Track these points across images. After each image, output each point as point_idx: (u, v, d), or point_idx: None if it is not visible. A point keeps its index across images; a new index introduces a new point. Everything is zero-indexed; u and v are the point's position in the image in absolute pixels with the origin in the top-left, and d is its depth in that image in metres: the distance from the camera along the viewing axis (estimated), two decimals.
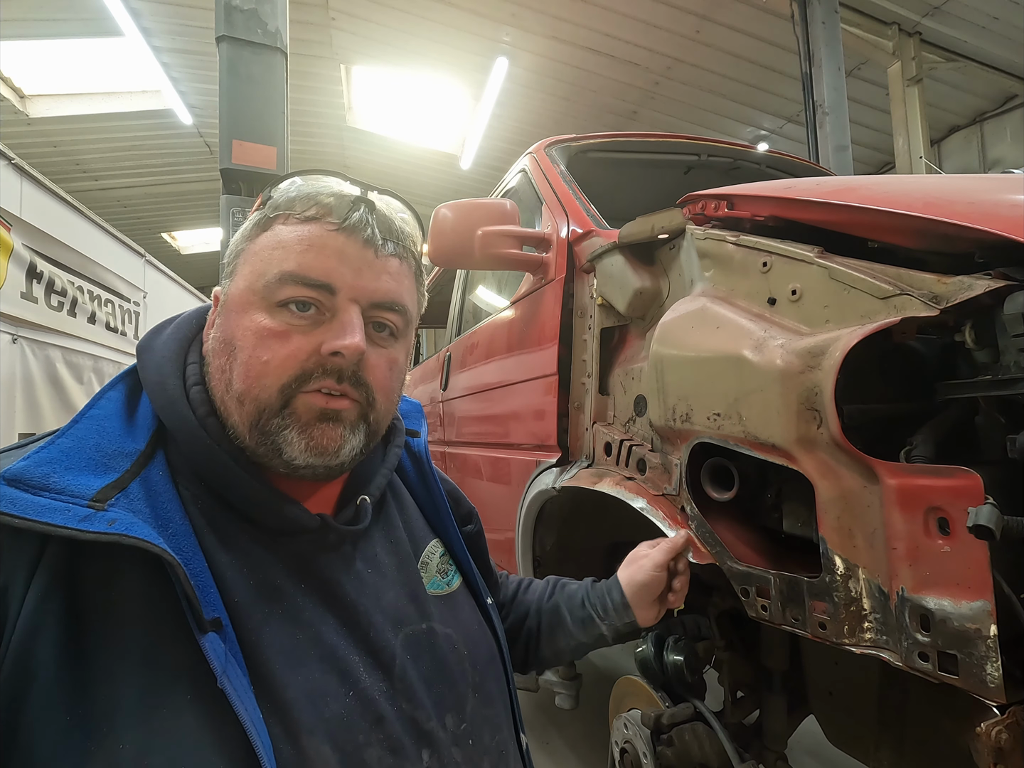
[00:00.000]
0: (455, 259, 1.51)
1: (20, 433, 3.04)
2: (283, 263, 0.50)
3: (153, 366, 0.53)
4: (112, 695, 0.39)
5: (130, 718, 0.39)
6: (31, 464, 0.42)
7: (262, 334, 0.49)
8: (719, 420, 0.84)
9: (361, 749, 0.46)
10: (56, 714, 0.38)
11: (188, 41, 5.93)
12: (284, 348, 0.49)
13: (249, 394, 0.49)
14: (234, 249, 0.54)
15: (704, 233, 0.99)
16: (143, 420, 0.50)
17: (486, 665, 0.61)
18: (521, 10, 5.67)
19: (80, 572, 0.42)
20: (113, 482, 0.44)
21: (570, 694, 1.72)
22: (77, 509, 0.40)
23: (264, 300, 0.50)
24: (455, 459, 2.30)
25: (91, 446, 0.45)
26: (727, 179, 2.15)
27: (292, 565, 0.51)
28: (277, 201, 0.52)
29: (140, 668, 0.41)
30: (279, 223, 0.52)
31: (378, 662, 0.51)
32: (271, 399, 0.49)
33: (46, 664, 0.39)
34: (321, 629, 0.49)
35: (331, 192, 0.52)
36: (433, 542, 0.66)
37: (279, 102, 2.66)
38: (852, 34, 5.53)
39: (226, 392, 0.50)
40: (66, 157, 7.75)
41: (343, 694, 0.47)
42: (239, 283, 0.52)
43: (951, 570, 0.60)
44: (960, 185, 0.84)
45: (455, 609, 0.62)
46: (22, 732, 0.38)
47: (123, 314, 4.30)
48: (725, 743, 1.11)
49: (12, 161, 2.96)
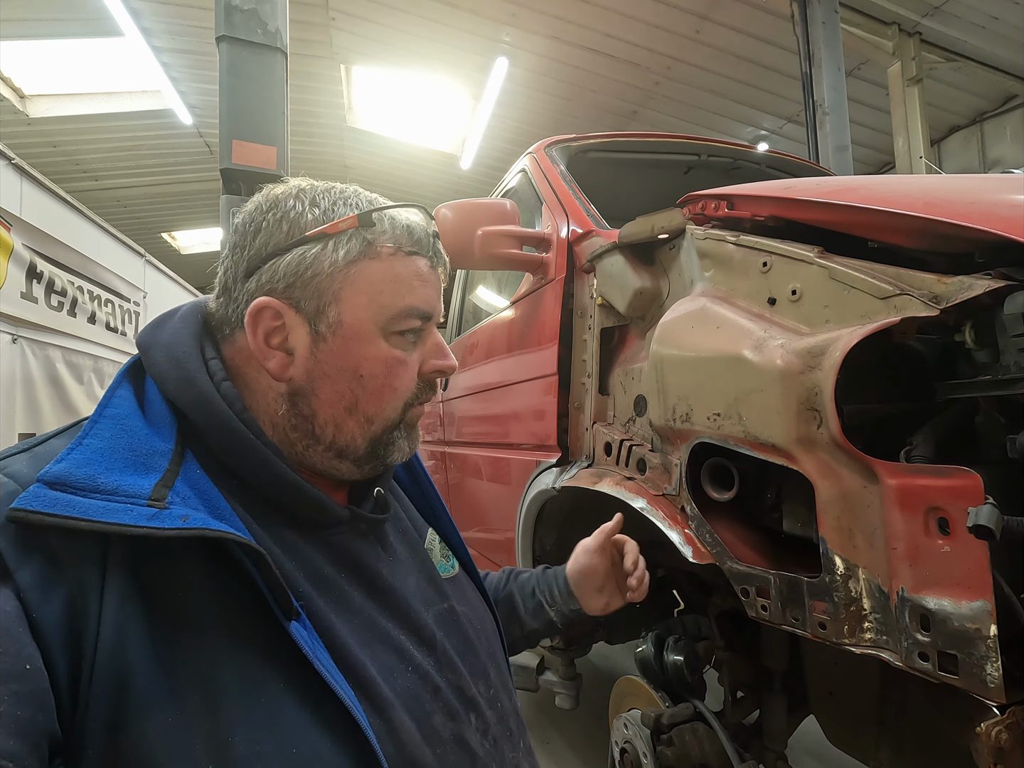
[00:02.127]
0: (455, 259, 1.51)
1: (20, 433, 3.04)
2: (406, 298, 0.54)
3: (171, 363, 0.51)
4: (209, 690, 0.40)
5: (231, 710, 0.40)
6: (71, 466, 0.41)
7: (391, 364, 0.55)
8: (719, 420, 0.84)
9: (430, 716, 0.51)
10: (158, 716, 0.38)
11: (188, 41, 5.92)
12: (407, 374, 0.56)
13: (381, 415, 0.55)
14: (324, 268, 0.52)
15: (704, 233, 0.99)
16: (160, 418, 0.49)
17: (492, 638, 0.67)
18: (521, 10, 5.67)
19: (148, 572, 0.42)
20: (160, 480, 0.44)
21: (570, 694, 1.72)
22: (140, 509, 0.41)
23: (384, 330, 0.54)
24: (455, 459, 2.30)
25: (123, 446, 0.45)
26: (727, 179, 2.15)
27: (332, 555, 0.53)
28: (380, 228, 0.54)
29: (231, 660, 0.41)
30: (387, 254, 0.54)
31: (422, 639, 0.55)
32: (397, 416, 0.56)
33: (140, 666, 0.39)
34: (371, 613, 0.52)
35: (419, 225, 0.57)
36: (430, 531, 0.70)
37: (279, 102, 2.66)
38: (852, 34, 5.53)
39: (347, 414, 0.54)
40: (66, 157, 7.74)
41: (404, 670, 0.51)
42: (357, 313, 0.53)
43: (951, 570, 0.60)
44: (960, 185, 0.84)
45: (462, 589, 0.67)
46: (126, 739, 0.38)
47: (123, 314, 4.30)
48: (725, 743, 1.11)
49: (12, 161, 2.96)
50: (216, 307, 0.55)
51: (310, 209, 0.53)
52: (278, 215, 0.53)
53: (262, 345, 0.52)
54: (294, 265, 0.51)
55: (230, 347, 0.55)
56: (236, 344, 0.54)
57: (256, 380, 0.54)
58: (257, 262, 0.52)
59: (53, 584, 0.39)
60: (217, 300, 0.55)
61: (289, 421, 0.53)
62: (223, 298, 0.55)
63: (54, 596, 0.38)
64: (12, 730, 0.34)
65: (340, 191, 0.56)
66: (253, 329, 0.51)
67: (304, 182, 0.56)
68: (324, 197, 0.54)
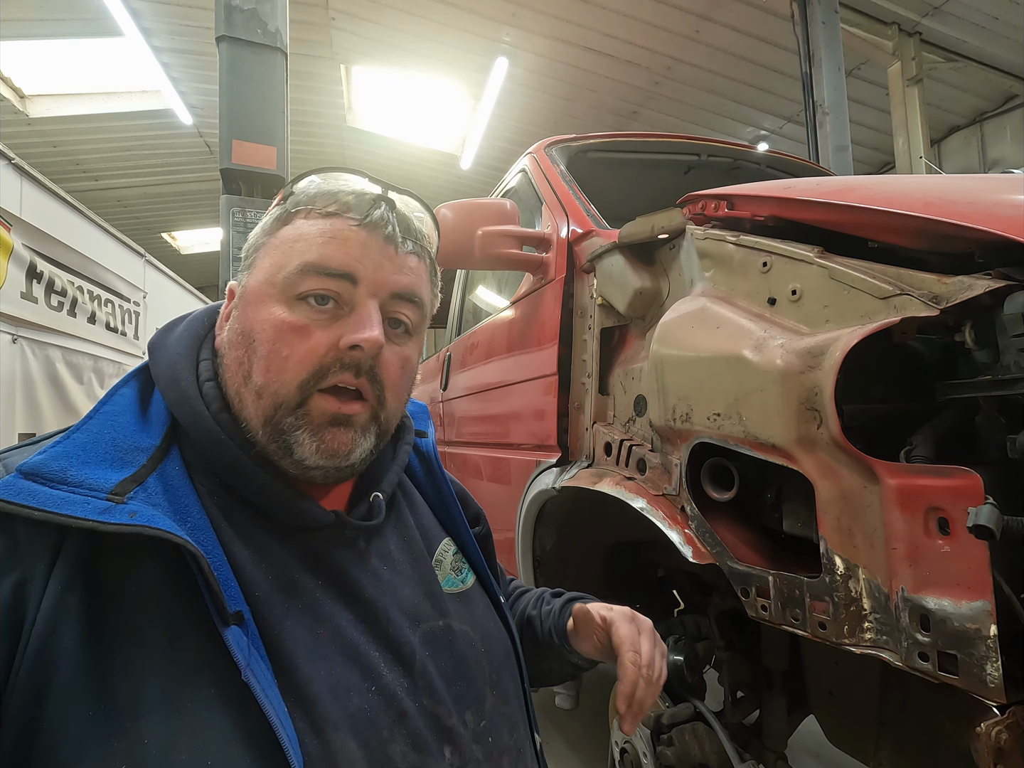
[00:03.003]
0: (455, 259, 1.51)
1: (20, 433, 3.04)
2: (304, 255, 0.50)
3: (165, 363, 0.53)
4: (135, 689, 0.39)
5: (154, 712, 0.39)
6: (48, 458, 0.42)
7: (282, 328, 0.49)
8: (719, 420, 0.84)
9: (385, 744, 0.46)
10: (79, 708, 0.38)
11: (188, 41, 5.92)
12: (304, 343, 0.49)
13: (268, 388, 0.49)
14: (253, 243, 0.55)
15: (704, 233, 0.99)
16: (157, 416, 0.50)
17: (502, 662, 0.61)
18: (521, 10, 5.67)
19: (100, 566, 0.42)
20: (131, 476, 0.44)
21: (570, 694, 1.73)
22: (96, 502, 0.41)
23: (283, 292, 0.50)
24: (455, 459, 2.30)
25: (107, 441, 0.45)
26: (727, 179, 2.15)
27: (308, 561, 0.50)
28: (298, 197, 0.53)
29: (163, 662, 0.40)
30: (300, 218, 0.52)
31: (398, 658, 0.50)
32: (289, 395, 0.49)
33: (67, 657, 0.39)
34: (341, 624, 0.49)
35: (352, 190, 0.53)
36: (445, 540, 0.65)
37: (279, 102, 2.66)
38: (852, 34, 5.53)
39: (243, 385, 0.50)
40: (66, 157, 7.74)
41: (366, 689, 0.47)
42: (258, 275, 0.52)
43: (951, 570, 0.60)
44: (960, 185, 0.84)
45: (470, 606, 0.61)
46: (44, 728, 0.38)
47: (123, 314, 4.29)
48: (725, 743, 1.11)
49: (12, 161, 2.96)
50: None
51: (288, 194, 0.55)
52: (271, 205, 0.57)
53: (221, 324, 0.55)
54: (248, 246, 0.55)
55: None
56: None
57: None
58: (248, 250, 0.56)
59: (7, 568, 0.40)
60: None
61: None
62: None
63: (6, 579, 0.39)
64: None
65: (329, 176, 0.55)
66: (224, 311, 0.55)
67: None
68: (304, 183, 0.55)
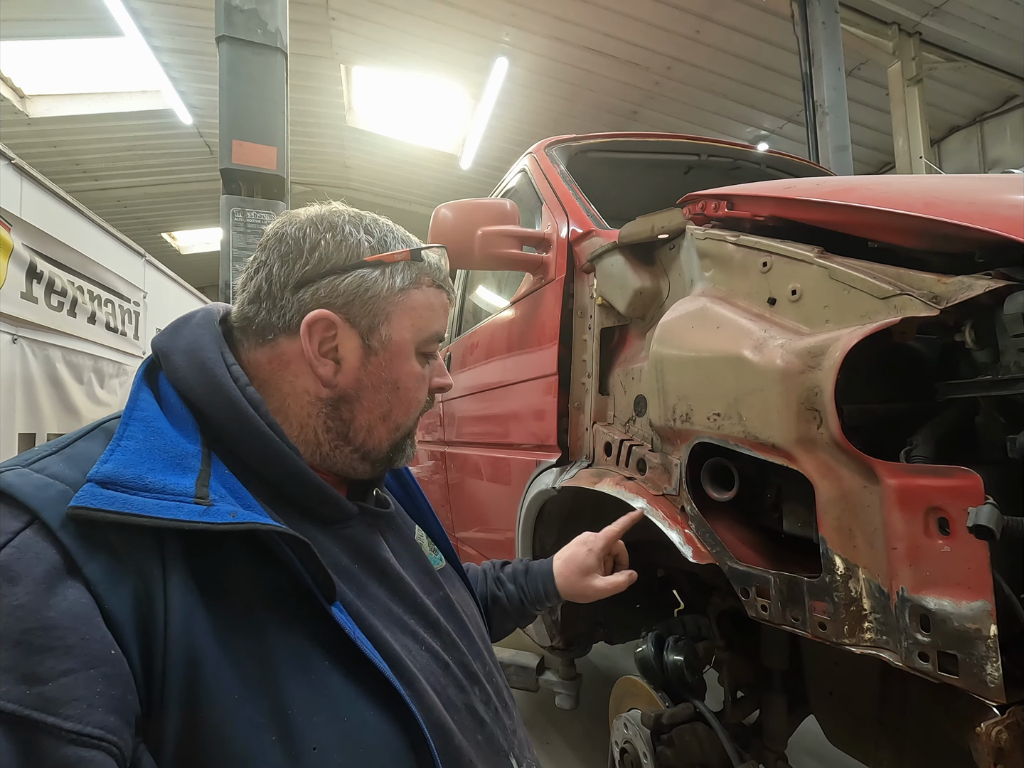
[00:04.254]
0: (455, 259, 1.51)
1: (20, 433, 3.04)
2: (435, 324, 0.64)
3: (195, 369, 0.53)
4: (266, 668, 0.44)
5: (288, 685, 0.44)
6: (118, 466, 0.44)
7: (420, 380, 0.64)
8: (719, 420, 0.84)
9: (445, 688, 0.57)
10: (229, 696, 0.42)
11: (188, 41, 5.93)
12: (425, 388, 0.66)
13: (405, 424, 0.64)
14: (383, 294, 0.60)
15: (704, 233, 0.99)
16: (182, 421, 0.51)
17: (479, 623, 0.74)
18: (521, 10, 5.67)
19: (199, 564, 0.45)
20: (198, 479, 0.47)
21: (570, 694, 1.72)
22: (189, 506, 0.44)
23: (417, 350, 0.63)
24: (455, 459, 2.30)
25: (158, 447, 0.47)
26: (727, 179, 2.15)
27: (346, 547, 0.58)
28: (423, 266, 0.63)
29: (282, 641, 0.46)
30: (425, 285, 0.64)
31: (428, 622, 0.61)
32: (413, 425, 0.66)
33: (208, 650, 0.42)
34: (385, 601, 0.58)
35: (444, 264, 0.67)
36: (417, 528, 0.75)
37: (279, 102, 2.66)
38: (852, 34, 5.53)
39: (380, 421, 0.62)
40: (66, 157, 7.75)
41: (420, 649, 0.57)
42: (403, 334, 0.61)
43: (951, 570, 0.60)
44: (960, 185, 0.84)
45: (451, 581, 0.74)
46: (206, 718, 0.41)
47: (123, 314, 4.30)
48: (725, 743, 1.11)
49: (12, 161, 2.96)
50: (250, 313, 0.58)
51: (365, 237, 0.60)
52: (337, 238, 0.59)
53: (316, 352, 0.57)
54: (354, 285, 0.58)
55: (265, 351, 0.58)
56: (276, 349, 0.57)
57: (292, 384, 0.58)
58: (313, 276, 0.57)
59: (120, 577, 0.41)
60: (250, 306, 0.58)
61: (324, 423, 0.59)
62: (263, 304, 0.57)
63: (122, 588, 0.41)
64: (109, 707, 0.37)
65: (385, 224, 0.64)
66: (309, 337, 0.56)
67: (349, 209, 0.63)
68: (375, 227, 0.62)
